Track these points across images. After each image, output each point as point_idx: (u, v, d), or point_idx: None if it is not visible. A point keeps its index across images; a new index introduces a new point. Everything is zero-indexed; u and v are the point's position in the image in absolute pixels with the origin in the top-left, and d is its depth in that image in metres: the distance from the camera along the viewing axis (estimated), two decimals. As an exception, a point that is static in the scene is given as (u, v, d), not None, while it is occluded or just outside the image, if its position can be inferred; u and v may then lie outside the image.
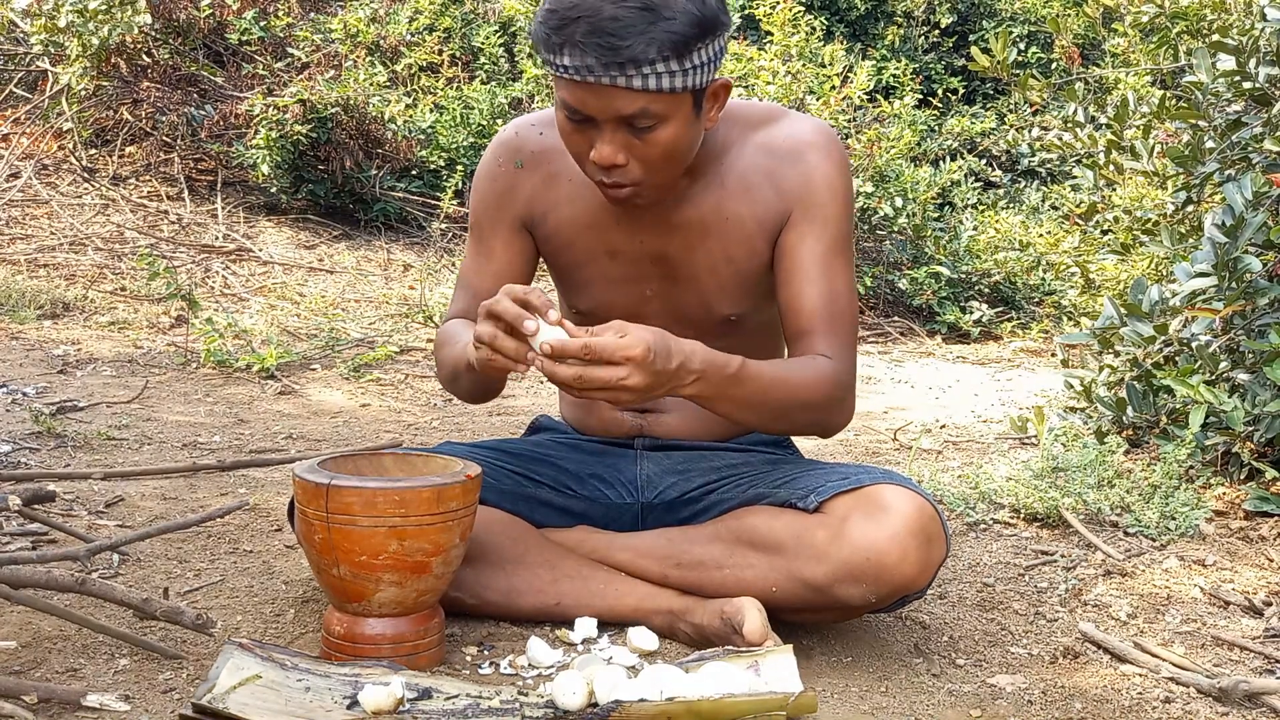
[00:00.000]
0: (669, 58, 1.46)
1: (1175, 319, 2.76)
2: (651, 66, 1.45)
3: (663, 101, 1.49)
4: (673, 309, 1.74)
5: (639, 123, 1.50)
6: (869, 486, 1.60)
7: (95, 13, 5.22)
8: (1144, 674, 1.64)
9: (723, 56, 1.54)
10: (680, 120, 1.52)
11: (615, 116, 1.50)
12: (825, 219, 1.66)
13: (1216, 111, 3.02)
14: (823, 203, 1.65)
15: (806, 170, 1.65)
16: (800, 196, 1.65)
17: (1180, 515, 2.32)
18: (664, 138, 1.52)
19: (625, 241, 1.71)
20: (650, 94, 1.48)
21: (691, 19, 1.46)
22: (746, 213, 1.67)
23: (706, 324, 1.74)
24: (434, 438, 3.01)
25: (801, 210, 1.65)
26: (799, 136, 1.67)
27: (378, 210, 5.63)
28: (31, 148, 5.64)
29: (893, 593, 1.57)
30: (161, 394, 3.35)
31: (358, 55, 5.67)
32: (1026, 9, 7.64)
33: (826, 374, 1.61)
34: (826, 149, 1.66)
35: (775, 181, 1.66)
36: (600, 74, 1.46)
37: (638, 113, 1.49)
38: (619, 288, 1.75)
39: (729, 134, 1.68)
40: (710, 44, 1.50)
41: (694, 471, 1.79)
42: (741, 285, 1.71)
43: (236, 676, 1.38)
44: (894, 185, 5.64)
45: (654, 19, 1.44)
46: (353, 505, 1.46)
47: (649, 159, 1.54)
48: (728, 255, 1.69)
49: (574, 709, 1.39)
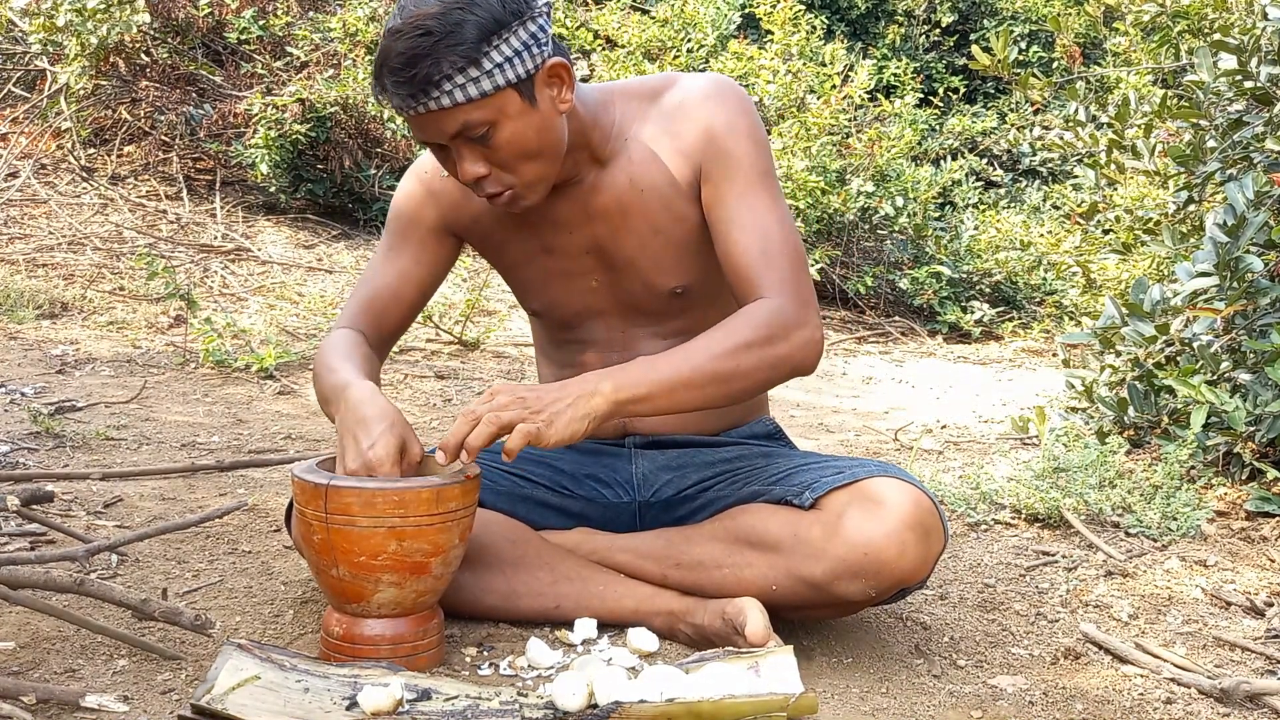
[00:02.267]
0: (463, 68, 1.49)
1: (1177, 319, 2.75)
2: (450, 81, 1.49)
3: (481, 108, 1.51)
4: (620, 296, 1.75)
5: (472, 134, 1.53)
6: (864, 480, 1.60)
7: (94, 12, 5.21)
8: (1145, 675, 1.64)
9: (542, 39, 1.53)
10: (513, 117, 1.53)
11: (447, 135, 1.54)
12: (735, 162, 1.64)
13: (1218, 111, 3.02)
14: (728, 148, 1.64)
15: (702, 121, 1.65)
16: (703, 149, 1.65)
17: (1182, 516, 2.32)
18: (506, 138, 1.54)
19: (555, 236, 1.72)
20: (461, 106, 1.51)
21: (474, 27, 1.48)
22: (659, 179, 1.67)
23: (656, 303, 1.74)
24: (433, 438, 3.01)
25: (710, 161, 1.65)
26: (690, 91, 1.67)
27: (377, 210, 5.63)
28: (30, 147, 5.64)
29: (892, 586, 1.57)
30: (160, 394, 3.34)
31: (357, 54, 5.67)
32: (1028, 8, 7.64)
33: (756, 312, 1.55)
34: (719, 96, 1.66)
35: (677, 143, 1.66)
36: (414, 105, 1.51)
37: (462, 128, 1.52)
38: (563, 283, 1.76)
39: (626, 111, 1.69)
40: (508, 38, 1.51)
41: (689, 468, 1.79)
42: (676, 254, 1.70)
43: (235, 677, 1.37)
44: (895, 185, 5.63)
45: (435, 40, 1.47)
46: (351, 506, 1.45)
47: (505, 162, 1.56)
48: (654, 226, 1.69)
49: (574, 710, 1.38)
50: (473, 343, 4.43)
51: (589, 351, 1.80)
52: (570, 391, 1.50)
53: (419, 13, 1.48)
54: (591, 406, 1.49)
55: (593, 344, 1.79)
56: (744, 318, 1.56)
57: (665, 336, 1.76)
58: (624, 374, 1.52)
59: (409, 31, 1.48)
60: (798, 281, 1.58)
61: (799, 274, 1.59)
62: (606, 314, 1.77)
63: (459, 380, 3.87)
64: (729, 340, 1.53)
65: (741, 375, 1.54)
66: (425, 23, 1.48)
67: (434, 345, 4.44)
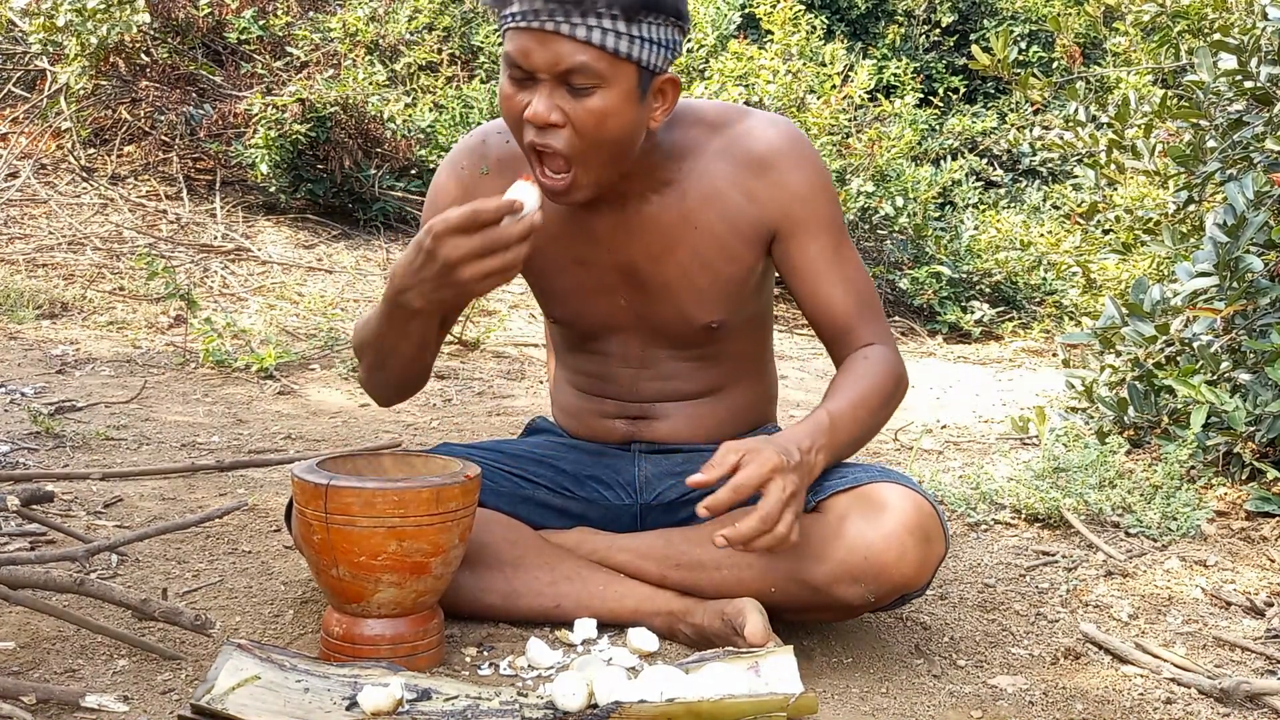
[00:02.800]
0: (616, 16, 1.45)
1: (1177, 319, 2.75)
2: (598, 19, 1.45)
3: (605, 61, 1.47)
4: (646, 318, 1.73)
5: (577, 81, 1.47)
6: (866, 485, 1.60)
7: (94, 12, 5.21)
8: (1145, 675, 1.64)
9: (675, 53, 1.53)
10: (620, 93, 1.49)
11: (554, 65, 1.47)
12: (818, 220, 1.66)
13: (1218, 111, 3.02)
14: (811, 208, 1.65)
15: (780, 180, 1.64)
16: (783, 207, 1.65)
17: (1182, 516, 2.32)
18: (600, 105, 1.49)
19: (591, 251, 1.69)
20: (593, 49, 1.46)
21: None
22: (717, 220, 1.65)
23: (684, 333, 1.73)
24: (433, 438, 3.01)
25: (790, 221, 1.65)
26: (764, 143, 1.65)
27: (377, 210, 5.63)
28: (30, 147, 5.64)
29: (892, 592, 1.57)
30: (160, 394, 3.34)
31: (357, 54, 5.67)
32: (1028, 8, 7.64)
33: (883, 362, 1.66)
34: (793, 152, 1.65)
35: (746, 191, 1.65)
36: (546, 18, 1.45)
37: (577, 66, 1.46)
38: (591, 298, 1.73)
39: (686, 136, 1.66)
40: (661, 24, 1.49)
41: (693, 472, 1.78)
42: (723, 291, 1.70)
43: (235, 677, 1.37)
44: (895, 185, 5.63)
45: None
46: (351, 506, 1.45)
47: (583, 126, 1.49)
48: (702, 262, 1.67)
49: (574, 710, 1.38)
50: (473, 343, 4.43)
51: (606, 363, 1.79)
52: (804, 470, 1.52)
53: None
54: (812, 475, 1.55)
55: (610, 356, 1.78)
56: (883, 372, 1.65)
57: (683, 360, 1.77)
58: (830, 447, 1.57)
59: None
60: (886, 325, 1.72)
61: (884, 317, 1.73)
62: (629, 331, 1.76)
63: (459, 380, 3.87)
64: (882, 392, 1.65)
65: (887, 419, 1.70)
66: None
67: (434, 345, 4.43)
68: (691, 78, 6.05)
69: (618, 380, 1.79)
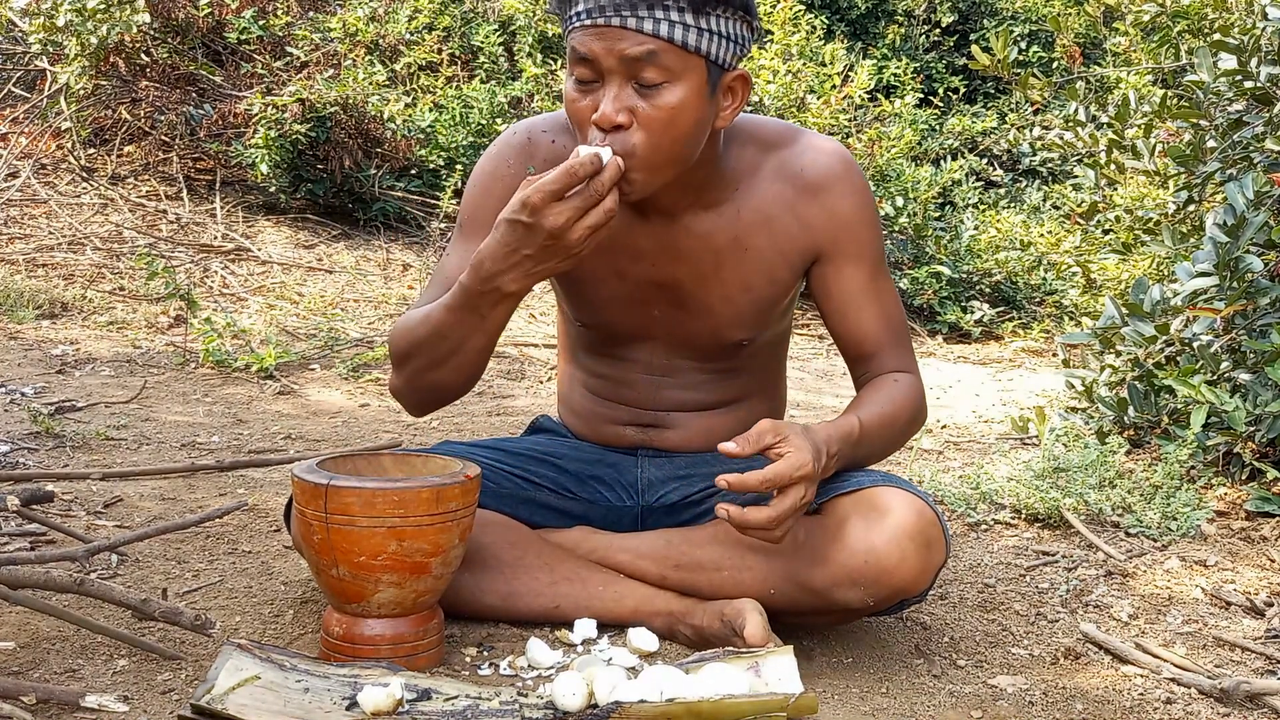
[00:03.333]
0: (684, 9, 1.43)
1: (1177, 319, 2.75)
2: (665, 12, 1.43)
3: (673, 54, 1.45)
4: (678, 331, 1.73)
5: (646, 76, 1.45)
6: (868, 489, 1.59)
7: (94, 12, 5.21)
8: (1145, 675, 1.64)
9: (745, 50, 1.51)
10: (691, 88, 1.47)
11: (622, 60, 1.44)
12: (861, 247, 1.67)
13: (1218, 111, 3.02)
14: (857, 235, 1.66)
15: (832, 206, 1.64)
16: (831, 232, 1.65)
17: (1182, 516, 2.32)
18: (671, 100, 1.46)
19: (633, 265, 1.67)
20: (660, 41, 1.44)
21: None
22: (766, 244, 1.65)
23: (712, 349, 1.73)
24: (433, 438, 3.01)
25: (836, 246, 1.66)
26: (819, 168, 1.64)
27: (377, 210, 5.63)
28: (30, 147, 5.64)
29: (891, 596, 1.57)
30: (160, 394, 3.34)
31: (357, 54, 5.67)
32: (1027, 8, 7.64)
33: (912, 390, 1.68)
34: (847, 178, 1.65)
35: (798, 214, 1.64)
36: (611, 14, 1.43)
37: (645, 56, 1.44)
38: (624, 308, 1.71)
39: (742, 155, 1.64)
40: (730, 18, 1.47)
41: (696, 476, 1.78)
42: (757, 313, 1.70)
43: (235, 677, 1.37)
44: (895, 185, 5.63)
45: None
46: (351, 506, 1.45)
47: (652, 124, 1.46)
48: (745, 284, 1.67)
49: (574, 710, 1.38)
50: (473, 343, 4.42)
51: (626, 369, 1.78)
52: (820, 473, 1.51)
53: None
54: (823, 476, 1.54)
55: (633, 363, 1.77)
56: (911, 398, 1.68)
57: (706, 372, 1.77)
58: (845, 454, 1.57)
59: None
60: (914, 356, 1.75)
61: (912, 348, 1.75)
62: (657, 341, 1.75)
63: (459, 380, 3.87)
64: (905, 416, 1.67)
65: (903, 444, 1.73)
66: None
67: (434, 345, 4.42)
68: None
69: (636, 387, 1.78)
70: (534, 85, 5.81)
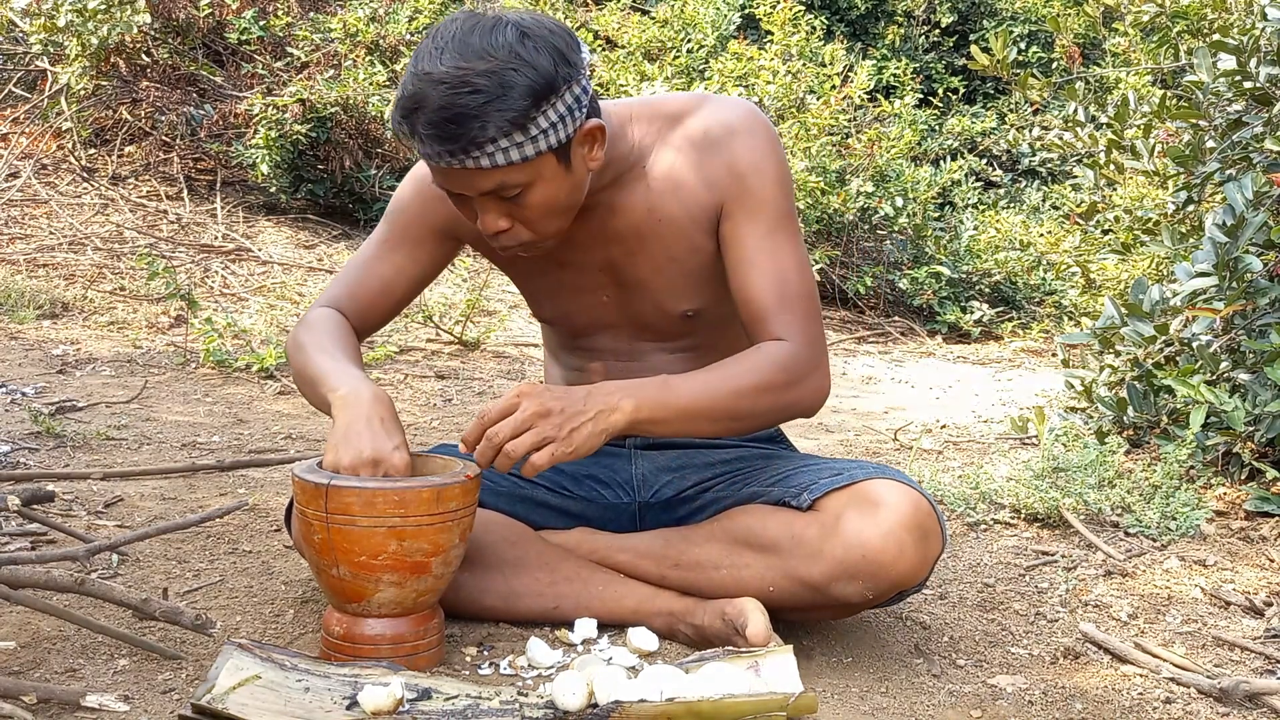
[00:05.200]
0: (509, 133, 1.45)
1: (1176, 319, 2.76)
2: (495, 145, 1.45)
3: (519, 171, 1.49)
4: (630, 313, 1.75)
5: (506, 193, 1.51)
6: (862, 482, 1.60)
7: (94, 12, 5.21)
8: (1145, 674, 1.64)
9: (583, 101, 1.51)
10: (548, 179, 1.51)
11: (479, 193, 1.51)
12: (759, 201, 1.62)
13: (1217, 111, 3.02)
14: (753, 186, 1.62)
15: (730, 157, 1.62)
16: (728, 185, 1.62)
17: (1181, 515, 2.32)
18: (537, 199, 1.52)
19: (570, 253, 1.70)
20: (502, 169, 1.48)
21: (525, 91, 1.44)
22: (678, 211, 1.65)
23: (666, 323, 1.74)
24: (433, 438, 3.01)
25: (734, 199, 1.62)
26: (718, 122, 1.64)
27: (377, 210, 5.63)
28: (31, 147, 5.64)
29: (890, 589, 1.57)
30: (160, 394, 3.35)
31: (357, 55, 5.67)
32: (1027, 8, 7.64)
33: (776, 354, 1.57)
34: (749, 130, 1.63)
35: (702, 174, 1.63)
36: (449, 159, 1.47)
37: (496, 187, 1.50)
38: (575, 297, 1.75)
39: (646, 133, 1.66)
40: (554, 104, 1.47)
41: (689, 469, 1.79)
42: (691, 282, 1.70)
43: (236, 677, 1.37)
44: (894, 185, 5.64)
45: (486, 100, 1.42)
46: (352, 505, 1.46)
47: (530, 219, 1.54)
48: (670, 254, 1.68)
49: (574, 709, 1.38)
50: (473, 343, 4.43)
51: (598, 359, 1.81)
52: (592, 405, 1.50)
53: (467, 67, 1.42)
54: (610, 422, 1.50)
55: (601, 352, 1.80)
56: (765, 359, 1.57)
57: (672, 351, 1.78)
58: (644, 393, 1.53)
59: (455, 85, 1.42)
60: (812, 327, 1.61)
61: (813, 319, 1.61)
62: (616, 327, 1.77)
63: (459, 380, 3.88)
64: (749, 379, 1.56)
65: (754, 415, 1.59)
66: (475, 80, 1.42)
67: (434, 345, 4.44)
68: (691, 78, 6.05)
69: (609, 375, 1.80)
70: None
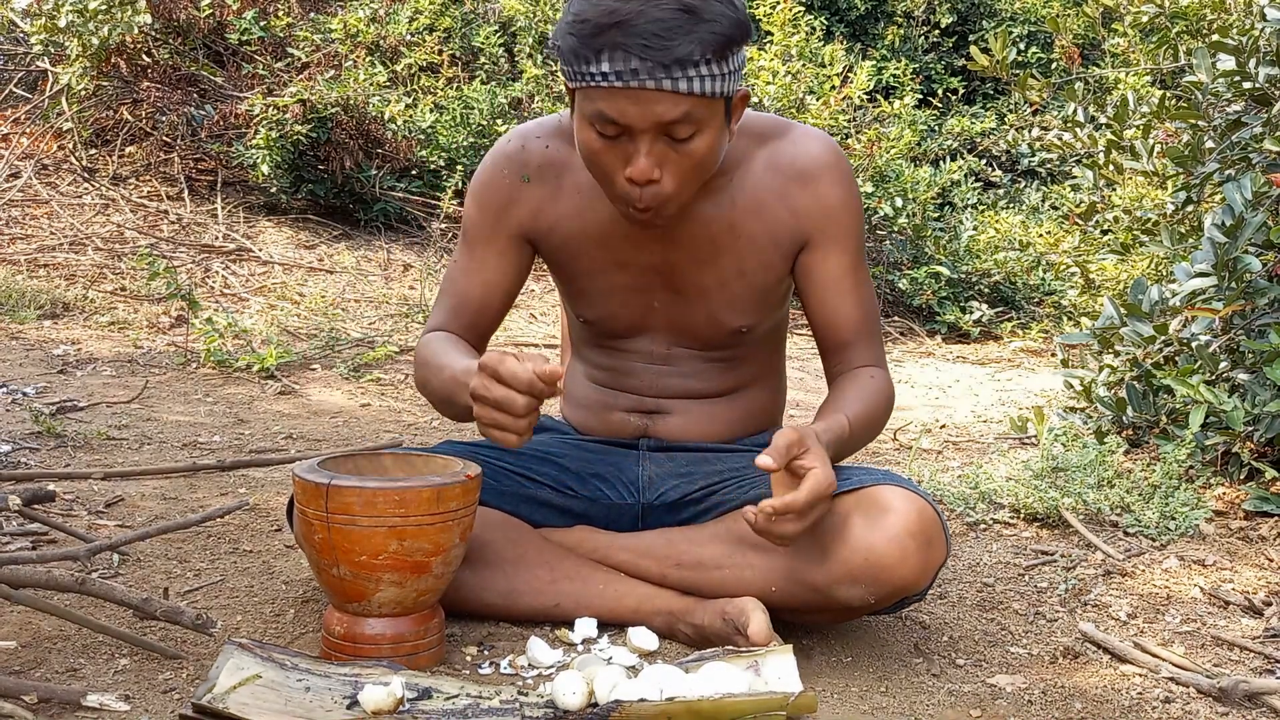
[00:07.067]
0: (711, 60, 1.44)
1: (1175, 319, 2.76)
2: (696, 69, 1.43)
3: (704, 106, 1.47)
4: (677, 320, 1.76)
5: (679, 131, 1.48)
6: (869, 487, 1.60)
7: (95, 13, 5.22)
8: (1144, 674, 1.64)
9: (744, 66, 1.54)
10: (715, 129, 1.51)
11: (657, 124, 1.46)
12: (845, 237, 1.70)
13: (1216, 111, 3.02)
14: (842, 222, 1.69)
15: (820, 193, 1.68)
16: (818, 219, 1.69)
17: (1180, 515, 2.32)
18: (701, 148, 1.50)
19: (633, 254, 1.71)
20: (695, 98, 1.46)
21: (730, 21, 1.45)
22: (759, 230, 1.68)
23: (714, 334, 1.76)
24: (434, 438, 3.01)
25: (821, 233, 1.69)
26: (809, 157, 1.68)
27: (378, 210, 5.63)
28: (31, 148, 5.64)
29: (892, 594, 1.57)
30: (161, 394, 3.35)
31: (357, 55, 5.67)
32: (1026, 9, 7.64)
33: (886, 386, 1.73)
34: (836, 168, 1.69)
35: (788, 202, 1.68)
36: (646, 77, 1.43)
37: (681, 118, 1.46)
38: (625, 298, 1.75)
39: (736, 146, 1.67)
40: (739, 50, 1.49)
41: (697, 474, 1.79)
42: (754, 298, 1.73)
43: (236, 676, 1.38)
44: (894, 185, 5.64)
45: (696, 20, 1.42)
46: (352, 505, 1.46)
47: (683, 171, 1.51)
48: (740, 269, 1.70)
49: (574, 709, 1.39)
50: (473, 343, 4.43)
51: (631, 360, 1.81)
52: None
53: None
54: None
55: (636, 354, 1.80)
56: (881, 394, 1.71)
57: (706, 360, 1.79)
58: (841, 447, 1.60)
59: (668, 1, 1.42)
60: (883, 350, 1.78)
61: (882, 343, 1.79)
62: (658, 331, 1.78)
63: (459, 380, 3.88)
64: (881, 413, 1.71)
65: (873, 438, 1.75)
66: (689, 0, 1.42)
67: (434, 345, 4.43)
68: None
69: (638, 376, 1.81)
70: (534, 86, 5.82)
